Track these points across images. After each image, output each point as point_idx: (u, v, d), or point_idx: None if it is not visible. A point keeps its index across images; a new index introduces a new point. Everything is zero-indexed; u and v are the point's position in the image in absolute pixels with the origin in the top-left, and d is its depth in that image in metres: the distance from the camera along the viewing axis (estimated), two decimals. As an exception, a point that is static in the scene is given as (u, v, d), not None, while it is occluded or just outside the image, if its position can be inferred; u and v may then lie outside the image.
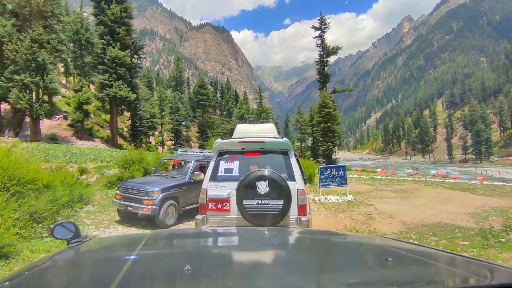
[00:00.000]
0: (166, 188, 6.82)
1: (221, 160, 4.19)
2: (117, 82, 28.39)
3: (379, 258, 1.35)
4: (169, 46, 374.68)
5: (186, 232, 2.38)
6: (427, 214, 8.26)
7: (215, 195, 3.96)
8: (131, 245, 1.53)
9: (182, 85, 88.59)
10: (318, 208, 9.16)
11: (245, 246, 1.62)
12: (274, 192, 3.63)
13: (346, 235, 2.15)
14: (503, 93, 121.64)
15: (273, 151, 4.18)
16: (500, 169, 69.43)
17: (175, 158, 8.72)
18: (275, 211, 3.63)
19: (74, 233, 1.50)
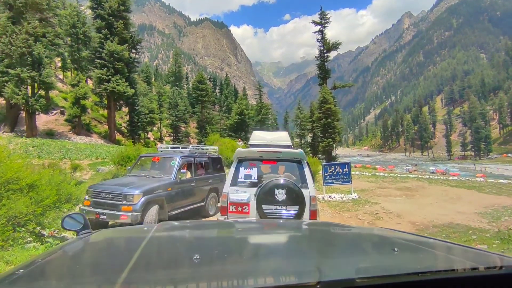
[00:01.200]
0: (148, 190, 5.74)
1: (241, 167, 4.58)
2: (115, 76, 28.01)
3: (386, 247, 1.36)
4: (168, 42, 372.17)
5: (195, 223, 2.43)
6: (436, 214, 8.00)
7: (236, 199, 4.38)
8: (140, 235, 1.55)
9: (181, 80, 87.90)
10: (323, 207, 8.91)
11: (254, 236, 1.65)
12: (290, 200, 4.03)
13: (353, 227, 2.19)
14: (503, 90, 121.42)
15: (288, 160, 4.62)
16: (499, 166, 69.45)
17: (156, 155, 7.73)
18: (290, 216, 4.01)
19: (83, 225, 1.55)
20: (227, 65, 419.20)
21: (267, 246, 1.44)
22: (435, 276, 0.85)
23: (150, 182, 6.25)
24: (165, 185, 6.29)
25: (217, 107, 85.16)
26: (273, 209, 4.04)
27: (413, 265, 1.06)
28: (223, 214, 4.41)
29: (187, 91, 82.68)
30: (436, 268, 0.99)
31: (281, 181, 4.12)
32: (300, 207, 4.03)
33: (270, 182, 4.10)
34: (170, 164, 6.88)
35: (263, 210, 4.04)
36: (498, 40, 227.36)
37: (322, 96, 30.22)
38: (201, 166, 7.81)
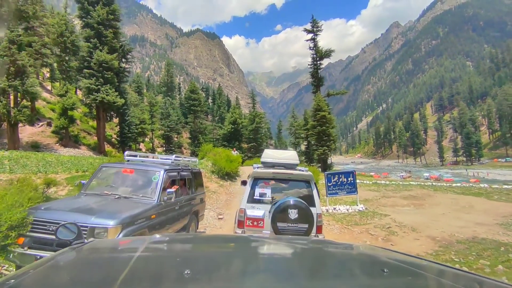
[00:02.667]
0: (129, 220, 3.87)
1: (256, 186, 5.08)
2: (105, 86, 27.30)
3: (375, 268, 1.34)
4: (160, 53, 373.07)
5: (187, 237, 2.35)
6: (454, 226, 7.37)
7: (253, 215, 4.89)
8: (133, 247, 1.53)
9: (173, 90, 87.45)
10: (328, 221, 8.21)
11: (244, 253, 1.61)
12: (301, 218, 4.57)
13: (342, 244, 2.13)
14: (490, 96, 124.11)
15: (298, 180, 5.13)
16: (489, 171, 70.16)
17: (127, 166, 5.36)
18: (300, 232, 4.55)
19: (76, 235, 1.57)
20: (220, 75, 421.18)
21: (255, 264, 1.39)
22: None
23: (127, 206, 4.27)
24: (148, 210, 4.33)
25: (210, 117, 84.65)
26: (286, 226, 4.57)
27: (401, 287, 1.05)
28: (240, 227, 4.91)
29: (179, 101, 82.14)
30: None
31: (294, 202, 4.62)
32: (309, 225, 4.59)
33: (284, 203, 4.62)
34: (150, 179, 4.96)
35: (277, 226, 4.58)
36: (483, 48, 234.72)
37: (316, 103, 29.91)
38: (183, 183, 5.98)
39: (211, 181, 10.88)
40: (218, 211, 8.48)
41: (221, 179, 11.49)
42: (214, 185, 10.64)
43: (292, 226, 4.55)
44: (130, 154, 6.09)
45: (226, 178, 11.91)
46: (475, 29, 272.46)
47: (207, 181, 10.58)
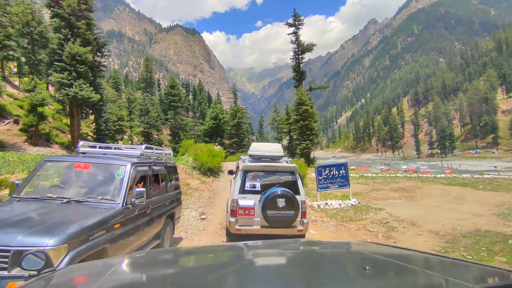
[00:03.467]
0: (78, 236, 2.76)
1: (247, 178, 5.53)
2: (78, 81, 25.86)
3: (357, 267, 1.33)
4: (139, 48, 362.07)
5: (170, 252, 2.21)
6: (453, 219, 7.25)
7: (244, 205, 5.33)
8: (103, 270, 1.42)
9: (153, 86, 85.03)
10: (322, 217, 7.75)
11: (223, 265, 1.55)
12: (288, 206, 5.16)
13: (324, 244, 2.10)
14: (462, 90, 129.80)
15: (284, 172, 5.67)
16: (461, 162, 73.51)
17: (78, 160, 4.13)
18: (288, 217, 5.19)
19: (45, 263, 1.47)
20: (200, 71, 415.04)
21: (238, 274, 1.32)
22: None
23: (78, 214, 3.16)
24: (109, 219, 3.26)
25: (191, 113, 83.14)
26: (275, 213, 5.17)
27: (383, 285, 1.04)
28: (233, 216, 5.37)
29: (159, 97, 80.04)
30: None
31: (281, 192, 5.19)
32: (295, 212, 5.21)
33: (273, 193, 5.18)
34: (113, 176, 3.84)
35: (268, 214, 5.18)
36: (454, 45, 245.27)
37: (299, 97, 29.82)
38: (156, 180, 4.91)
39: (192, 178, 10.31)
40: (201, 211, 7.77)
41: (203, 175, 10.93)
42: (195, 181, 10.02)
43: (280, 213, 5.16)
44: (86, 144, 4.83)
45: (208, 174, 11.35)
46: (446, 27, 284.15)
47: (188, 178, 10.13)
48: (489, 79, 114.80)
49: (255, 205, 5.31)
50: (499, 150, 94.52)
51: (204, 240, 5.76)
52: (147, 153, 4.82)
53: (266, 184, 5.52)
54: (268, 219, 5.14)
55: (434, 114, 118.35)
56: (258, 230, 5.30)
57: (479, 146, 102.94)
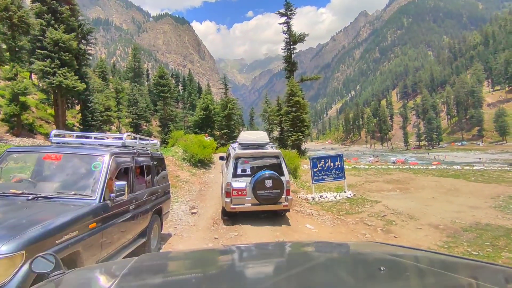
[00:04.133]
0: (40, 240, 2.30)
1: (238, 163, 6.42)
2: (62, 69, 24.95)
3: (371, 267, 1.31)
4: (126, 37, 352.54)
5: (173, 255, 2.19)
6: (450, 212, 7.16)
7: (237, 186, 6.19)
8: (113, 272, 1.44)
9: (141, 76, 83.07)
10: (317, 211, 7.49)
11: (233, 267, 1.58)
12: (275, 186, 6.06)
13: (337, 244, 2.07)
14: (449, 84, 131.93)
15: (270, 157, 6.58)
16: (448, 154, 75.23)
17: (48, 150, 3.61)
18: (275, 195, 6.10)
19: (54, 265, 1.44)
20: (190, 62, 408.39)
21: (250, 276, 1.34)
22: None
23: (43, 213, 2.69)
24: (82, 217, 2.81)
25: (181, 104, 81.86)
26: (264, 192, 6.10)
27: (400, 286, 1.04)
28: (228, 197, 6.23)
29: (148, 88, 78.35)
30: None
31: (269, 174, 6.14)
32: (281, 191, 6.16)
33: (262, 175, 6.14)
34: (89, 168, 3.36)
35: (258, 194, 6.11)
36: (442, 39, 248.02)
37: (290, 88, 29.56)
38: (141, 172, 4.51)
39: (182, 170, 9.93)
40: (191, 204, 7.34)
41: (193, 167, 10.55)
42: (185, 173, 9.64)
43: (268, 192, 6.09)
44: (59, 134, 4.29)
45: (199, 165, 10.98)
46: (435, 20, 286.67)
47: (177, 170, 9.76)
48: (475, 72, 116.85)
49: (246, 186, 6.24)
50: (484, 142, 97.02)
51: (195, 237, 5.46)
52: (130, 143, 4.37)
53: (255, 167, 6.44)
54: (258, 198, 6.12)
55: (422, 107, 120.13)
56: (250, 208, 6.27)
57: (465, 138, 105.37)
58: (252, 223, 6.18)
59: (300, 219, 6.66)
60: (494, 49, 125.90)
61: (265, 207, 6.24)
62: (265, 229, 5.78)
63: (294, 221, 6.47)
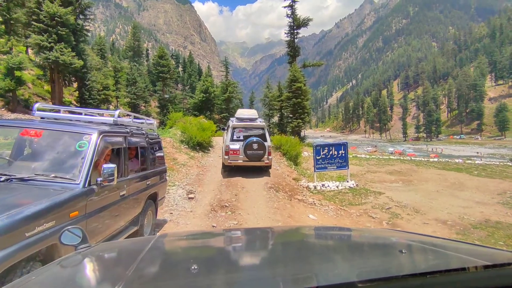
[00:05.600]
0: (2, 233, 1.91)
1: (235, 131, 8.76)
2: (59, 45, 24.36)
3: (393, 249, 1.35)
4: (126, 15, 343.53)
5: (192, 234, 2.34)
6: (457, 206, 6.96)
7: (233, 148, 8.46)
8: (138, 248, 1.51)
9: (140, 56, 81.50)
10: (320, 200, 7.28)
11: (251, 244, 1.64)
12: (259, 148, 8.37)
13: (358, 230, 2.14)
14: (452, 76, 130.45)
15: (257, 127, 8.97)
16: (445, 147, 75.37)
17: (27, 125, 3.14)
18: (259, 154, 8.39)
19: (81, 239, 1.52)
20: (191, 43, 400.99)
21: (264, 254, 1.40)
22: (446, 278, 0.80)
23: (13, 198, 2.36)
24: (59, 204, 2.43)
25: (180, 86, 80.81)
26: (251, 152, 8.30)
27: (421, 266, 1.05)
28: (226, 155, 8.49)
29: (147, 68, 77.02)
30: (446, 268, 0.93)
31: (256, 140, 8.35)
32: (264, 151, 8.35)
33: (251, 140, 8.38)
34: (73, 148, 2.97)
35: (247, 153, 8.31)
36: (447, 30, 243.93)
37: (292, 74, 28.97)
38: (135, 154, 4.16)
39: (180, 152, 9.68)
40: (188, 189, 7.08)
41: (192, 150, 10.29)
42: (183, 156, 9.45)
43: (255, 152, 8.33)
44: (43, 108, 3.78)
45: (197, 148, 10.71)
46: (442, 11, 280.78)
47: (175, 152, 9.52)
48: (479, 65, 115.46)
49: (240, 148, 8.49)
50: (483, 136, 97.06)
51: (191, 224, 5.22)
52: (124, 121, 3.96)
53: (246, 135, 8.72)
54: (248, 156, 8.39)
55: (423, 99, 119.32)
56: (242, 163, 8.55)
57: (464, 132, 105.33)
58: (252, 213, 5.97)
59: (302, 208, 6.46)
60: (501, 42, 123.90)
61: (252, 163, 8.50)
62: (266, 219, 5.54)
63: (296, 210, 6.28)
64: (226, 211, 5.97)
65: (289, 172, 9.63)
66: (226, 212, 5.92)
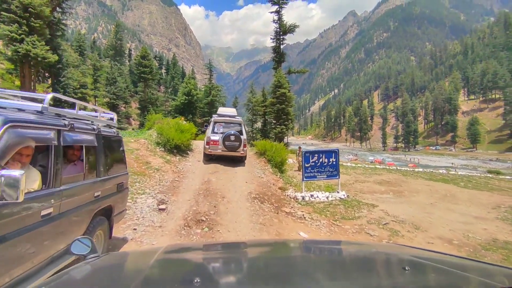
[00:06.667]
0: None
1: (215, 125, 10.16)
2: (31, 37, 22.90)
3: (396, 266, 1.32)
4: (110, 14, 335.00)
5: (198, 246, 2.36)
6: (457, 222, 6.52)
7: (213, 139, 9.71)
8: (144, 259, 1.54)
9: (122, 56, 79.42)
10: (309, 213, 6.59)
11: (256, 258, 1.62)
12: (236, 140, 9.60)
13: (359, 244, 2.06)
14: (429, 89, 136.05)
15: (235, 123, 10.35)
16: (422, 157, 77.83)
17: None
18: (236, 145, 9.59)
19: (91, 249, 1.54)
20: (175, 45, 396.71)
21: (267, 268, 1.37)
22: None
23: None
24: None
25: (163, 88, 79.14)
26: (229, 143, 9.47)
27: (425, 285, 1.04)
28: (207, 145, 9.73)
29: (129, 68, 74.89)
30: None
31: (233, 132, 9.60)
32: (239, 143, 9.53)
33: (229, 133, 9.60)
34: None
35: (225, 144, 9.47)
36: (424, 45, 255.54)
37: (277, 79, 28.66)
38: (79, 156, 3.31)
39: (154, 155, 8.81)
40: (160, 198, 6.10)
41: (168, 153, 9.39)
42: (158, 160, 8.54)
43: (232, 143, 9.36)
44: None
45: (175, 152, 9.81)
46: (420, 27, 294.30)
47: (149, 155, 8.59)
48: (454, 80, 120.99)
49: (219, 139, 9.52)
50: (456, 148, 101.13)
51: (158, 244, 4.30)
52: (61, 112, 2.86)
53: (225, 129, 9.94)
54: (226, 146, 9.43)
55: (402, 110, 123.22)
56: (220, 152, 9.58)
57: (439, 143, 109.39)
58: (234, 229, 5.22)
59: (292, 224, 5.77)
60: (472, 59, 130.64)
61: (229, 153, 9.58)
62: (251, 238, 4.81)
63: (284, 226, 5.62)
64: (203, 227, 5.13)
65: (274, 180, 8.90)
66: (203, 229, 5.06)
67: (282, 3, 31.20)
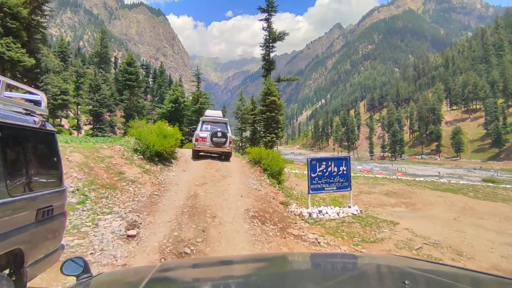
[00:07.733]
0: None
1: (203, 124, 11.41)
2: (6, 39, 21.67)
3: (396, 281, 1.28)
4: (96, 22, 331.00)
5: (195, 262, 2.30)
6: (501, 244, 5.59)
7: (202, 136, 10.82)
8: (138, 278, 1.46)
9: (108, 63, 77.77)
10: (322, 235, 5.41)
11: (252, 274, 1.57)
12: (222, 136, 10.96)
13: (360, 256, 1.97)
14: (413, 100, 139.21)
15: (222, 123, 11.79)
16: (408, 166, 78.50)
17: None
18: (222, 141, 10.96)
19: (83, 268, 1.49)
20: (163, 55, 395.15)
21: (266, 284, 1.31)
22: None
23: None
24: None
25: (150, 96, 77.49)
26: (216, 140, 10.71)
27: None
28: (196, 142, 10.99)
29: (114, 76, 73.14)
30: None
31: (220, 130, 10.90)
32: (226, 140, 10.94)
33: (216, 130, 10.86)
34: None
35: (213, 140, 10.70)
36: (408, 57, 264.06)
37: (267, 87, 27.83)
38: None
39: (131, 164, 7.39)
40: (131, 219, 4.74)
41: (148, 162, 7.96)
42: (135, 170, 7.10)
43: (218, 139, 10.66)
44: None
45: (156, 160, 8.43)
46: (403, 40, 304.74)
47: (124, 164, 7.12)
48: (437, 91, 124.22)
49: (207, 136, 10.63)
50: (441, 157, 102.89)
51: None
52: None
53: (213, 127, 11.03)
54: (213, 142, 10.60)
55: (387, 120, 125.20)
56: (208, 148, 10.73)
57: (424, 152, 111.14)
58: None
59: (304, 251, 4.54)
60: (453, 71, 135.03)
61: (216, 148, 10.67)
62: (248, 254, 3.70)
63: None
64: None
65: (273, 193, 7.62)
66: None
67: (271, 10, 30.72)
